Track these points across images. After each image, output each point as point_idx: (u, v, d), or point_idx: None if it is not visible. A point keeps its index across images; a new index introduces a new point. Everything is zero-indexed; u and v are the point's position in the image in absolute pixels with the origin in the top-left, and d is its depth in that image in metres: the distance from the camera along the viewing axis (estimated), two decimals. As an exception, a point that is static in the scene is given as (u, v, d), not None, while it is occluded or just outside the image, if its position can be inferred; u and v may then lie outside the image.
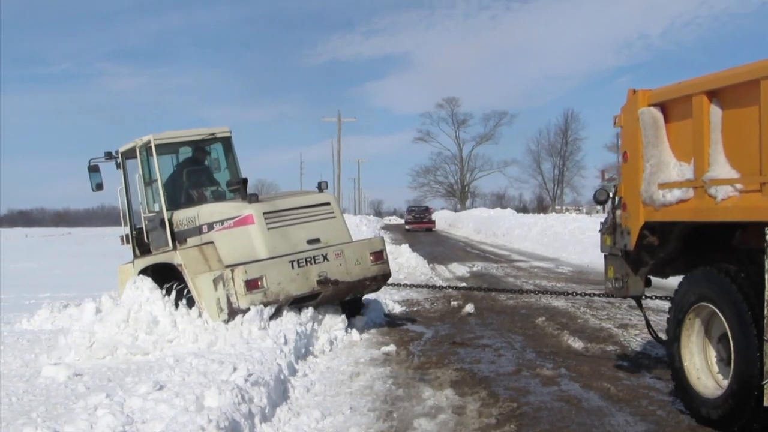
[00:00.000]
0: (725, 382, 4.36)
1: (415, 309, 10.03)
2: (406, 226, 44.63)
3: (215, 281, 7.47)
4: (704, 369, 4.67)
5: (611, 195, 5.64)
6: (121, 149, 9.16)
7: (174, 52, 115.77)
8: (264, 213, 7.85)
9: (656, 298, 6.84)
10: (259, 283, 7.41)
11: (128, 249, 9.43)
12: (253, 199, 7.99)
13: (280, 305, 7.55)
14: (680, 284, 4.83)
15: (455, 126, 71.92)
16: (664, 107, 4.84)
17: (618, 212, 5.44)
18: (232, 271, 7.43)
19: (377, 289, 8.95)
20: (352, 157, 71.83)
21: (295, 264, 7.71)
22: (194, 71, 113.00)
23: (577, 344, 7.17)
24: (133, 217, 9.18)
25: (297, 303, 7.74)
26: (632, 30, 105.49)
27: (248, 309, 7.25)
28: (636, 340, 7.25)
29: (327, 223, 8.33)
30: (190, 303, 7.72)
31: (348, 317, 8.38)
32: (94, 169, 9.18)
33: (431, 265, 16.15)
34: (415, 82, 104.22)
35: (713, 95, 4.27)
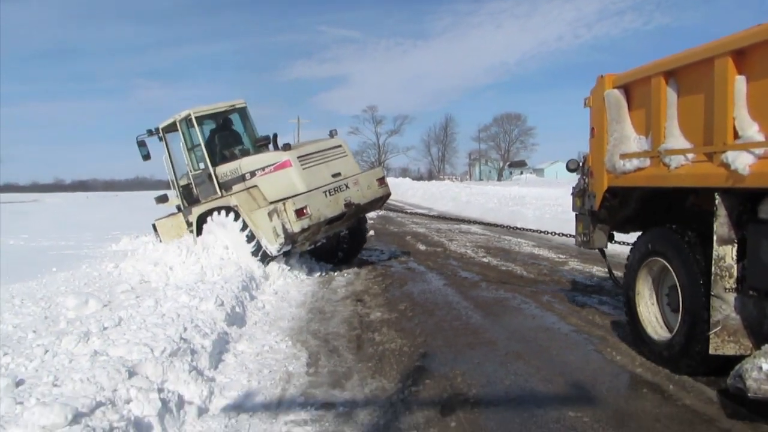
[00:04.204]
0: (674, 327, 4.40)
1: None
2: None
3: (270, 214, 8.41)
4: (655, 314, 4.80)
5: (581, 164, 5.86)
6: (161, 125, 10.05)
7: (190, 71, 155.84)
8: (298, 157, 8.85)
9: (617, 243, 6.18)
10: (305, 210, 8.39)
11: (161, 208, 10.97)
12: (287, 147, 9.03)
13: (320, 225, 8.72)
14: (637, 239, 4.99)
15: (374, 124, 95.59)
16: (626, 89, 4.93)
17: (586, 179, 5.67)
18: (284, 204, 8.34)
19: (382, 206, 10.50)
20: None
21: (328, 193, 8.82)
22: (200, 84, 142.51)
23: (423, 248, 12.37)
24: (177, 178, 10.23)
25: (330, 223, 8.94)
26: (496, 59, 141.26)
27: (300, 231, 8.39)
28: (453, 246, 12.41)
29: (342, 160, 9.52)
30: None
31: (350, 245, 10.41)
32: (141, 144, 10.12)
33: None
34: (351, 93, 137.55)
35: (670, 75, 4.33)
